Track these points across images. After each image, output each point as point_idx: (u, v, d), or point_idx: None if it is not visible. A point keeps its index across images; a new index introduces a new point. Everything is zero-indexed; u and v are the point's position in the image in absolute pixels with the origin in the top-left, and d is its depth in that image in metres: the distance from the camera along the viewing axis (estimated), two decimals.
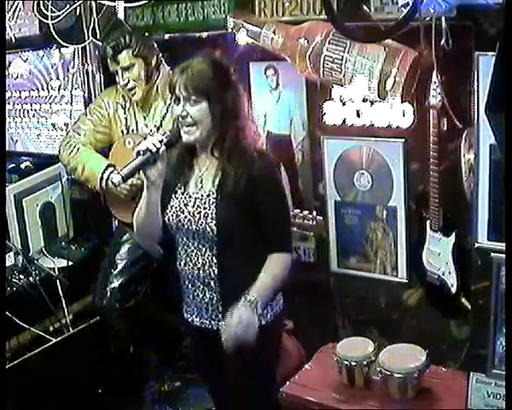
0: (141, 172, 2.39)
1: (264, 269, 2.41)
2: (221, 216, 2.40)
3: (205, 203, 2.42)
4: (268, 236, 2.45)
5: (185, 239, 2.50)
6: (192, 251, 2.49)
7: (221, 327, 2.35)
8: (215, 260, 2.45)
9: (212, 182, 2.44)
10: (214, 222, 2.39)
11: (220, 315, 2.48)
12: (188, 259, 2.50)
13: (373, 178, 3.30)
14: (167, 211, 2.49)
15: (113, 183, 2.40)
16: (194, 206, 2.44)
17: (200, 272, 2.48)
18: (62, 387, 3.14)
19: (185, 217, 2.45)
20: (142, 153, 2.34)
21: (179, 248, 2.53)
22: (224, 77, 2.40)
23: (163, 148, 2.36)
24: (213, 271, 2.46)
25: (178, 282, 2.58)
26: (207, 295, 2.50)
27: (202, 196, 2.44)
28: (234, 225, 2.41)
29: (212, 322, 2.53)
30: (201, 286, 2.50)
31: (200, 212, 2.42)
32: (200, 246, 2.46)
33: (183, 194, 2.49)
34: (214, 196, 2.42)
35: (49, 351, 3.23)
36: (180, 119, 2.38)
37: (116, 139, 3.44)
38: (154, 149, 2.34)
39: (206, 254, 2.46)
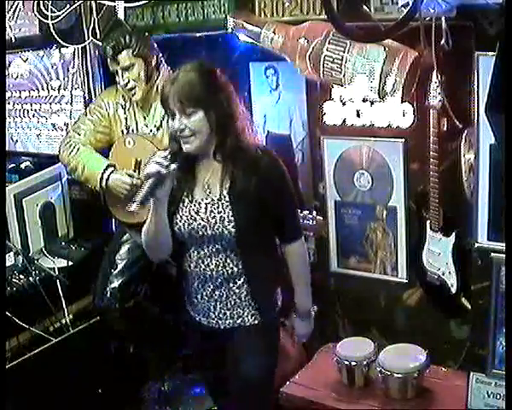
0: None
1: (292, 275, 2.63)
2: (238, 218, 2.42)
3: (218, 207, 2.44)
4: (282, 227, 2.57)
5: (198, 244, 2.50)
6: (205, 254, 2.50)
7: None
8: (232, 261, 2.49)
9: (220, 186, 2.44)
10: (232, 224, 2.42)
11: (229, 312, 2.54)
12: (200, 261, 2.51)
13: (373, 178, 3.30)
14: (177, 221, 2.48)
15: (131, 211, 2.31)
16: (206, 212, 2.45)
17: (213, 273, 2.50)
18: (62, 387, 3.14)
19: (199, 224, 2.46)
20: (151, 175, 2.29)
21: (189, 252, 2.53)
22: (214, 81, 2.38)
23: (173, 165, 2.33)
24: (227, 271, 2.49)
25: (185, 283, 2.59)
26: (216, 294, 2.53)
27: (213, 200, 2.45)
28: (251, 224, 2.44)
29: (219, 321, 2.56)
30: (211, 286, 2.52)
31: (214, 217, 2.43)
32: (215, 249, 2.48)
33: (191, 202, 2.49)
34: (227, 199, 2.43)
35: (49, 351, 3.22)
36: (178, 132, 2.35)
37: (116, 139, 3.43)
38: (164, 171, 2.30)
39: (220, 256, 2.48)
